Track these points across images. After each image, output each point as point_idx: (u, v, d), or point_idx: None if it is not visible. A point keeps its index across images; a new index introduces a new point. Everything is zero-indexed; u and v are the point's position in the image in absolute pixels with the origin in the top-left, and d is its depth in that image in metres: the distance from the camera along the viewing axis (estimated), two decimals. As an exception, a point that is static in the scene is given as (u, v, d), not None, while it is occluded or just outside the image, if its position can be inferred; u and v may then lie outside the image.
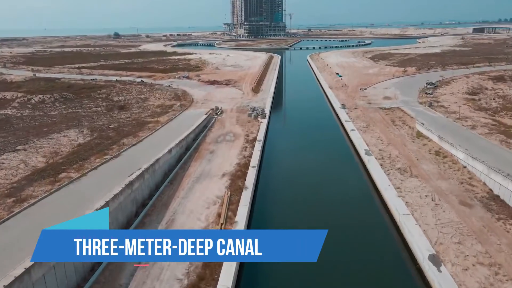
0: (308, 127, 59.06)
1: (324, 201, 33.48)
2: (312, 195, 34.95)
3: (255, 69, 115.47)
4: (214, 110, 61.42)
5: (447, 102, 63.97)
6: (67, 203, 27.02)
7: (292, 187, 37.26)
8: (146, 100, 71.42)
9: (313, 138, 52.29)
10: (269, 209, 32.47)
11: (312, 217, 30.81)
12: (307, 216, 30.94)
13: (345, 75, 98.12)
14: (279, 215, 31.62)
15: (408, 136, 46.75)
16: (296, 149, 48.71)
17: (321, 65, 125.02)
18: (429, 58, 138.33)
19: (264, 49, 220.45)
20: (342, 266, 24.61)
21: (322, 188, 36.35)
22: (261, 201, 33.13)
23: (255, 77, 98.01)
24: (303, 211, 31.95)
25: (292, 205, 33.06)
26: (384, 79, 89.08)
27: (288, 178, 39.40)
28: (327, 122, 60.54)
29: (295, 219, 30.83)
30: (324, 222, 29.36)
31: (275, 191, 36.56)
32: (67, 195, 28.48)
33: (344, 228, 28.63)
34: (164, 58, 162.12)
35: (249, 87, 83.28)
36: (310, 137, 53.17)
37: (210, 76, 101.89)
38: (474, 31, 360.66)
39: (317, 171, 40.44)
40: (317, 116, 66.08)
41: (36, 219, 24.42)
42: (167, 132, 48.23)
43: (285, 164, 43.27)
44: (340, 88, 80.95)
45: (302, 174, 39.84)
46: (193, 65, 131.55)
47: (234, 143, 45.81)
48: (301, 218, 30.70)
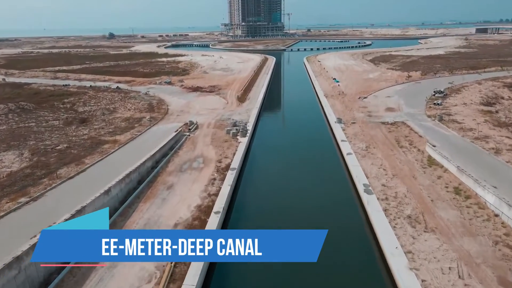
0: (296, 148, 49.03)
1: (310, 272, 24.07)
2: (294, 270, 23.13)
3: (246, 73, 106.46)
4: (188, 126, 52.48)
5: (460, 115, 54.96)
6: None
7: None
8: (114, 111, 62.42)
9: (302, 166, 42.15)
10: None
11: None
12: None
13: (343, 80, 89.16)
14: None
15: (418, 163, 37.75)
16: (278, 182, 38.21)
17: (318, 68, 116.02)
18: (433, 60, 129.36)
19: (260, 51, 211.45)
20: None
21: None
22: (223, 272, 23.99)
23: (244, 82, 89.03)
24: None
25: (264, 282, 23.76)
26: (386, 86, 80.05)
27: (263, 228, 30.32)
28: (320, 142, 51.15)
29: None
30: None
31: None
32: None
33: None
34: (153, 61, 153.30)
35: (234, 95, 74.28)
36: (298, 163, 43.04)
37: (195, 81, 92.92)
38: (477, 32, 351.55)
39: (304, 219, 31.14)
40: (309, 133, 56.29)
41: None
42: (121, 157, 39.27)
43: (262, 206, 33.23)
44: (336, 96, 71.96)
45: (284, 223, 30.33)
46: (181, 69, 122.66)
47: (201, 173, 36.82)
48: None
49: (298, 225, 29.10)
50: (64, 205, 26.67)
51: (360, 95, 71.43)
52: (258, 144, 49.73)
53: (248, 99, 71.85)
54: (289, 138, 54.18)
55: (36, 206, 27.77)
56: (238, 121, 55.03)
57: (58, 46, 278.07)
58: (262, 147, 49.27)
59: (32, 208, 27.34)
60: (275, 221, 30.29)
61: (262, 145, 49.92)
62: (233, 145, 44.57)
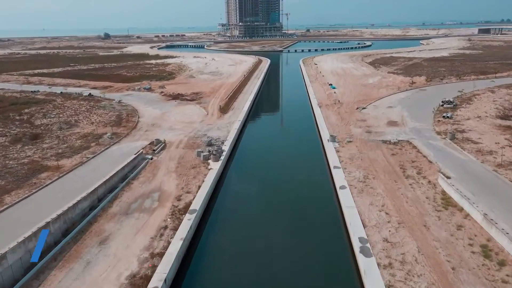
0: (281, 178, 39.59)
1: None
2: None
3: (235, 78, 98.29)
4: (154, 145, 44.34)
5: (476, 132, 46.79)
6: None
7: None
8: (75, 125, 54.23)
9: (285, 208, 32.73)
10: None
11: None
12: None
13: (339, 86, 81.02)
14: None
15: (429, 202, 29.60)
16: (251, 235, 28.73)
17: (314, 72, 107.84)
18: (437, 63, 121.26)
19: (256, 52, 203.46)
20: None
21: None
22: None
23: (231, 89, 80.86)
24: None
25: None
26: (387, 94, 71.81)
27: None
28: (310, 168, 41.97)
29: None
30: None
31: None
32: None
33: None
34: (141, 63, 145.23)
35: (217, 104, 66.06)
36: (280, 203, 33.65)
37: (178, 87, 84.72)
38: (480, 32, 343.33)
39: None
40: (298, 155, 46.73)
41: None
42: (53, 193, 31.10)
43: (227, 277, 24.55)
44: (332, 106, 63.80)
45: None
46: (167, 72, 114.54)
47: (151, 216, 28.65)
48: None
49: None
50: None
51: (358, 105, 63.23)
52: (233, 171, 41.08)
53: (232, 110, 63.63)
54: (272, 163, 44.02)
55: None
56: (215, 139, 46.89)
57: (49, 47, 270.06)
58: (238, 177, 40.39)
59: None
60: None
61: (238, 174, 41.10)
62: (201, 173, 36.41)
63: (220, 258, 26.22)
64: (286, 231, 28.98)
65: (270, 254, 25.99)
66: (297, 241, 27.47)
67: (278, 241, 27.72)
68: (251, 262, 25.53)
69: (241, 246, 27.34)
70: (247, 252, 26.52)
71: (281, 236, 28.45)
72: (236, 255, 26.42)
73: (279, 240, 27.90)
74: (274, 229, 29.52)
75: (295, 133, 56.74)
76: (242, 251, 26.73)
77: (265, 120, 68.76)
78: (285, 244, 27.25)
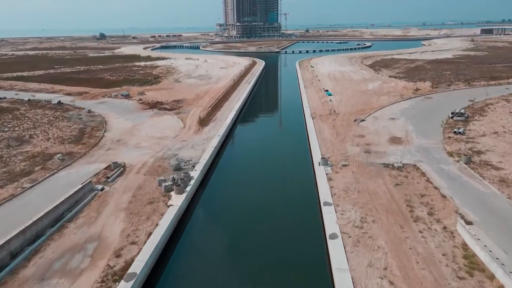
0: (261, 218, 31.50)
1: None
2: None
3: (224, 82, 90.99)
4: (109, 170, 37.00)
5: (494, 153, 39.41)
6: None
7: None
8: (28, 141, 46.86)
9: (265, 268, 25.12)
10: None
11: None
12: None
13: (336, 93, 73.68)
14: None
15: (448, 263, 22.24)
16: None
17: (310, 76, 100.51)
18: (441, 66, 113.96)
19: (251, 53, 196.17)
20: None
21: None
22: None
23: (217, 95, 73.56)
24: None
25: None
26: (389, 102, 64.41)
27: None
28: (297, 204, 33.66)
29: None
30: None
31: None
32: None
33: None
34: (129, 65, 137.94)
35: (198, 114, 58.69)
36: (258, 263, 25.68)
37: (159, 93, 77.40)
38: (482, 32, 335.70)
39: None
40: (284, 185, 38.02)
41: None
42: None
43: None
44: (326, 117, 56.46)
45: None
46: (154, 75, 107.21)
47: (74, 284, 21.27)
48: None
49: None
50: None
51: (357, 116, 55.84)
52: (202, 208, 33.24)
53: (213, 121, 56.27)
54: (253, 199, 35.12)
55: None
56: (185, 160, 39.56)
57: (40, 48, 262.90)
58: (206, 217, 32.33)
59: None
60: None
61: (207, 212, 33.05)
62: (157, 212, 29.05)
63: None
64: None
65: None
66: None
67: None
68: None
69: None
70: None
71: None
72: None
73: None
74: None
75: (284, 151, 49.04)
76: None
77: (250, 134, 60.46)
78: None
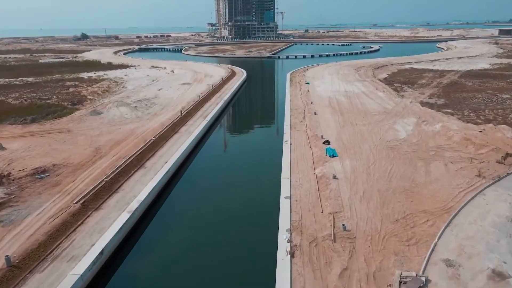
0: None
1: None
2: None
3: (166, 116, 58.63)
4: None
5: None
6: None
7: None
8: None
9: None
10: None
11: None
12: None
13: (345, 148, 41.36)
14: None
15: None
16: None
17: (302, 101, 68.02)
18: (485, 82, 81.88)
19: (238, 58, 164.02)
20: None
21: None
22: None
23: (133, 150, 41.20)
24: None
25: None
26: (458, 194, 31.75)
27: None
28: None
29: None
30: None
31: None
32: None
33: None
34: (71, 77, 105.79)
35: (35, 229, 26.34)
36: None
37: (38, 142, 45.05)
38: (501, 34, 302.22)
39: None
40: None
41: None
42: None
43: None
44: (326, 263, 24.09)
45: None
46: (80, 96, 74.97)
47: None
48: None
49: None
50: None
51: (399, 267, 23.36)
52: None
53: (65, 249, 23.83)
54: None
55: None
56: None
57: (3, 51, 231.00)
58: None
59: None
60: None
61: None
62: None
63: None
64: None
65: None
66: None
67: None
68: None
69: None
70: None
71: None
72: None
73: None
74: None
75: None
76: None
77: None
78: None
